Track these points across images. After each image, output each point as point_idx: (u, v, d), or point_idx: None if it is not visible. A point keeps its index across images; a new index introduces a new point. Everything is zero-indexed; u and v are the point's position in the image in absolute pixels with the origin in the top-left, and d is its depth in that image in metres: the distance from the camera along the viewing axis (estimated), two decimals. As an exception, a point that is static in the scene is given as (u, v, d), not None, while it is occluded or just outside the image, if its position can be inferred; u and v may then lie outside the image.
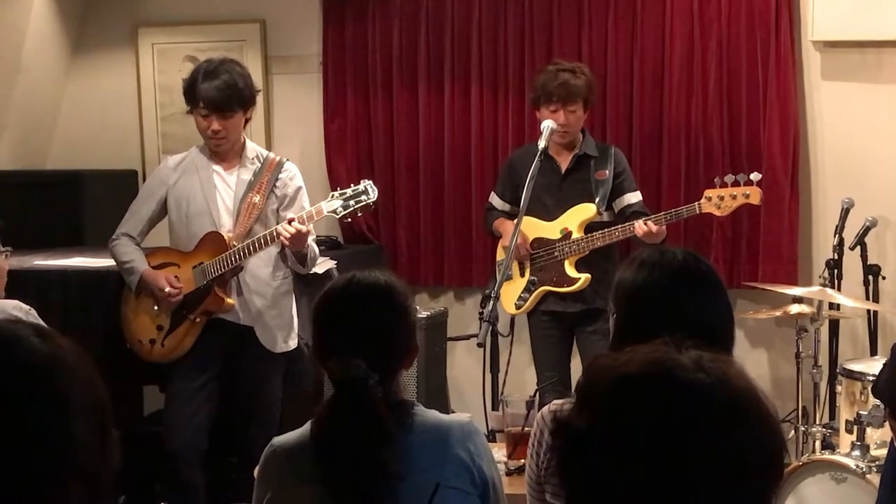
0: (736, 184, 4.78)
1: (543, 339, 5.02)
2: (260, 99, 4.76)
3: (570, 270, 4.90)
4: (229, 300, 4.45)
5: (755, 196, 4.80)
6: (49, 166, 6.62)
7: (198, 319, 4.48)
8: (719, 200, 4.80)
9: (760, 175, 4.81)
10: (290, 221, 4.27)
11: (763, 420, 1.35)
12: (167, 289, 4.43)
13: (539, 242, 4.96)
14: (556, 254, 4.92)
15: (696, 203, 4.83)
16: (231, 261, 4.37)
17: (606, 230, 4.85)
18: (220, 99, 4.35)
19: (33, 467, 1.30)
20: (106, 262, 4.95)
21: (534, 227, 4.95)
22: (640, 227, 4.71)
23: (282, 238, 4.28)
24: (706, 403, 1.32)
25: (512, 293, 5.02)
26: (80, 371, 1.39)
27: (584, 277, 4.86)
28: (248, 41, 6.35)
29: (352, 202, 4.29)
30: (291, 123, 6.41)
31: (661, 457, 1.30)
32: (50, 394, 1.34)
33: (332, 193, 4.36)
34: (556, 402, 2.57)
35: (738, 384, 1.35)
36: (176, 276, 4.47)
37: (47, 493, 1.31)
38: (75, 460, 1.33)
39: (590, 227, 4.90)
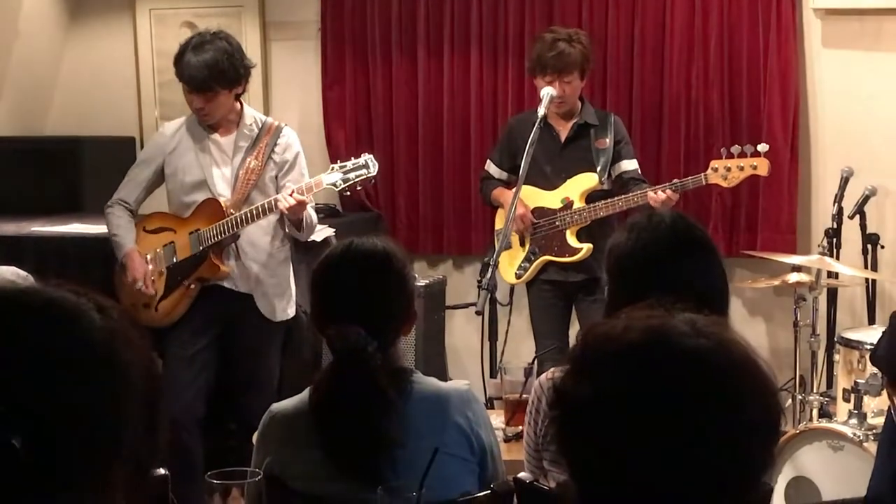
0: (743, 155, 4.74)
1: (544, 307, 5.00)
2: (258, 66, 4.72)
3: (572, 240, 4.88)
4: (224, 268, 4.44)
5: (763, 167, 4.77)
6: (47, 132, 6.60)
7: (192, 286, 4.48)
8: (726, 171, 4.78)
9: (768, 146, 4.77)
10: (291, 194, 4.25)
11: (762, 382, 1.36)
12: (139, 284, 4.44)
13: (539, 212, 4.94)
14: (557, 223, 4.90)
15: (703, 174, 4.81)
16: (227, 228, 4.37)
17: (609, 200, 4.82)
18: (199, 79, 4.31)
19: (87, 440, 1.28)
20: (103, 229, 4.94)
21: (534, 197, 4.93)
22: (653, 196, 4.69)
23: (280, 207, 4.27)
24: (707, 369, 1.32)
25: (512, 262, 5.01)
26: (137, 347, 1.37)
27: (587, 247, 4.85)
28: (246, 7, 6.31)
29: (352, 175, 4.29)
30: (290, 90, 6.38)
31: (663, 423, 1.30)
32: (109, 370, 1.31)
33: (332, 166, 4.35)
34: (554, 369, 2.57)
35: (736, 349, 1.36)
36: (153, 280, 4.47)
37: (96, 468, 1.29)
38: (126, 437, 1.31)
39: (590, 197, 4.88)
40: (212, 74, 4.32)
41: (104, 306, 1.35)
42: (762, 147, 4.73)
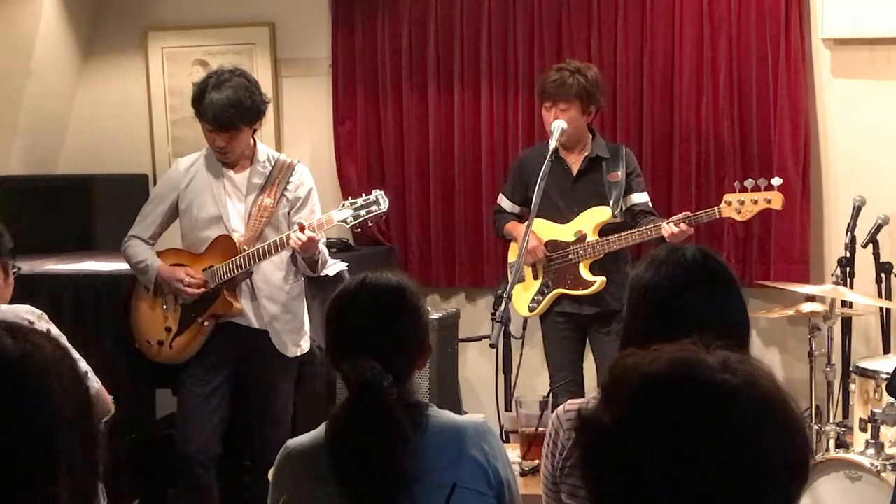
0: (756, 188, 4.73)
1: (558, 340, 5.00)
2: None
3: (586, 273, 4.88)
4: (237, 304, 4.45)
5: (777, 201, 4.76)
6: (60, 171, 6.64)
7: (206, 323, 4.49)
8: (739, 205, 4.77)
9: (781, 180, 4.77)
10: (301, 228, 4.26)
11: (790, 423, 1.35)
12: (186, 279, 4.43)
13: (552, 245, 4.94)
14: (570, 257, 4.90)
15: (716, 207, 4.80)
16: (240, 265, 4.38)
17: (623, 234, 4.82)
18: (224, 117, 4.34)
19: (15, 466, 1.30)
20: (117, 265, 4.96)
21: (547, 230, 4.93)
22: (668, 229, 4.69)
23: (293, 244, 4.28)
24: (732, 404, 1.32)
25: (525, 295, 5.00)
26: (57, 369, 1.39)
27: (600, 280, 4.85)
28: (258, 44, 6.35)
29: (362, 212, 4.31)
30: (301, 126, 6.41)
31: (686, 456, 1.30)
32: (24, 392, 1.34)
33: (343, 202, 4.37)
34: (571, 401, 2.56)
35: (765, 385, 1.35)
36: (194, 271, 4.47)
37: (33, 491, 1.31)
38: (59, 458, 1.34)
39: (603, 230, 4.88)
40: (236, 113, 4.34)
41: (17, 331, 1.38)
42: (776, 181, 4.72)
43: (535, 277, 4.99)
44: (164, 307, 4.55)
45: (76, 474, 1.36)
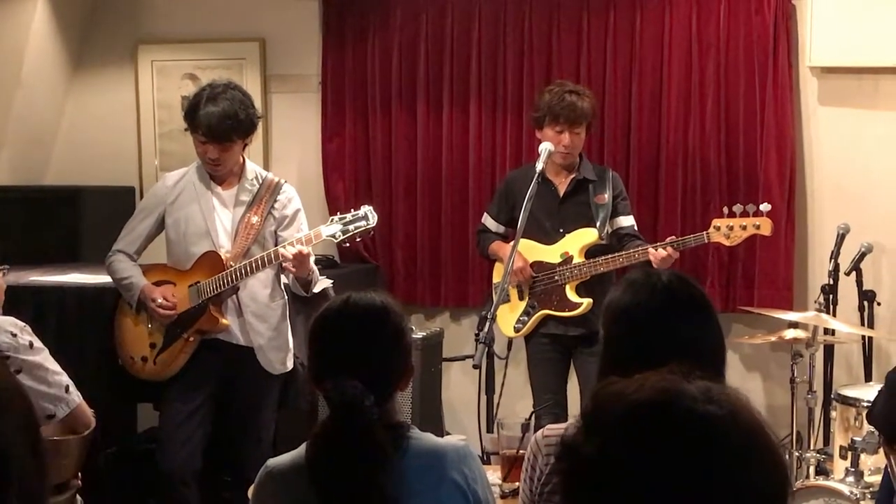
0: (745, 214, 4.74)
1: (542, 361, 4.99)
2: (258, 118, 4.76)
3: (572, 295, 4.89)
4: (224, 320, 4.44)
5: (766, 227, 4.78)
6: (47, 182, 6.63)
7: (191, 339, 4.47)
8: (728, 230, 4.78)
9: (770, 206, 4.78)
10: (293, 244, 4.25)
11: (771, 453, 1.36)
12: (159, 300, 4.43)
13: (538, 266, 4.95)
14: (556, 278, 4.90)
15: (705, 232, 4.81)
16: (227, 281, 4.37)
17: (610, 256, 4.83)
18: (219, 129, 4.33)
19: None
20: (102, 278, 4.95)
21: (532, 251, 4.94)
22: (655, 253, 4.70)
23: (284, 261, 4.27)
24: (717, 435, 1.33)
25: (511, 316, 5.00)
26: (3, 386, 1.44)
27: (587, 302, 4.85)
28: (248, 60, 6.36)
29: (351, 227, 4.30)
30: (290, 142, 6.42)
31: (670, 486, 1.30)
32: None
33: (331, 218, 4.36)
34: (550, 426, 2.57)
35: (747, 417, 1.35)
36: (172, 294, 4.47)
37: None
38: (12, 470, 1.39)
39: (589, 252, 4.89)
40: (231, 125, 4.34)
41: None
42: (764, 207, 4.73)
43: (521, 298, 4.99)
44: (149, 324, 4.53)
45: (25, 489, 1.40)
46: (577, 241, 4.91)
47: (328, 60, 6.26)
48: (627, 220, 4.98)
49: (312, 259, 4.40)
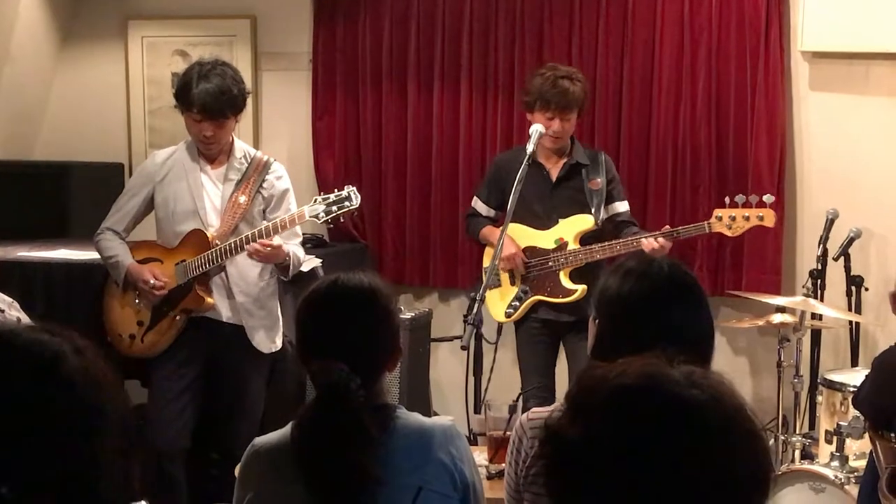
0: (748, 205, 4.72)
1: (532, 344, 4.97)
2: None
3: (566, 281, 4.86)
4: (209, 299, 4.44)
5: (769, 218, 4.76)
6: (36, 157, 6.60)
7: (178, 317, 4.47)
8: (731, 221, 4.76)
9: (773, 198, 4.76)
10: (263, 244, 4.27)
11: (753, 438, 1.37)
12: (151, 281, 4.43)
13: (531, 251, 4.90)
14: (550, 264, 4.87)
15: (706, 222, 4.79)
16: (213, 259, 4.37)
17: (607, 244, 4.79)
18: (214, 105, 4.33)
19: (65, 477, 1.39)
20: (90, 255, 4.94)
21: (525, 236, 4.90)
22: (647, 243, 4.68)
23: (248, 249, 4.28)
24: (700, 419, 1.34)
25: (502, 301, 4.97)
26: (111, 385, 1.49)
27: (581, 289, 4.81)
28: (238, 37, 6.34)
29: (334, 207, 4.30)
30: (280, 120, 6.40)
31: (653, 470, 1.31)
32: (85, 411, 1.42)
33: (315, 198, 4.36)
34: (535, 410, 2.57)
35: (729, 402, 1.36)
36: (161, 272, 4.46)
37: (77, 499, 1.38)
38: (104, 471, 1.42)
39: (583, 238, 4.86)
40: (226, 101, 4.34)
41: (80, 348, 1.44)
42: (767, 198, 4.71)
43: (513, 283, 4.96)
44: (137, 301, 4.53)
45: (115, 484, 1.45)
46: (573, 227, 4.88)
47: (319, 38, 6.24)
48: (623, 206, 4.95)
49: (299, 241, 4.40)
